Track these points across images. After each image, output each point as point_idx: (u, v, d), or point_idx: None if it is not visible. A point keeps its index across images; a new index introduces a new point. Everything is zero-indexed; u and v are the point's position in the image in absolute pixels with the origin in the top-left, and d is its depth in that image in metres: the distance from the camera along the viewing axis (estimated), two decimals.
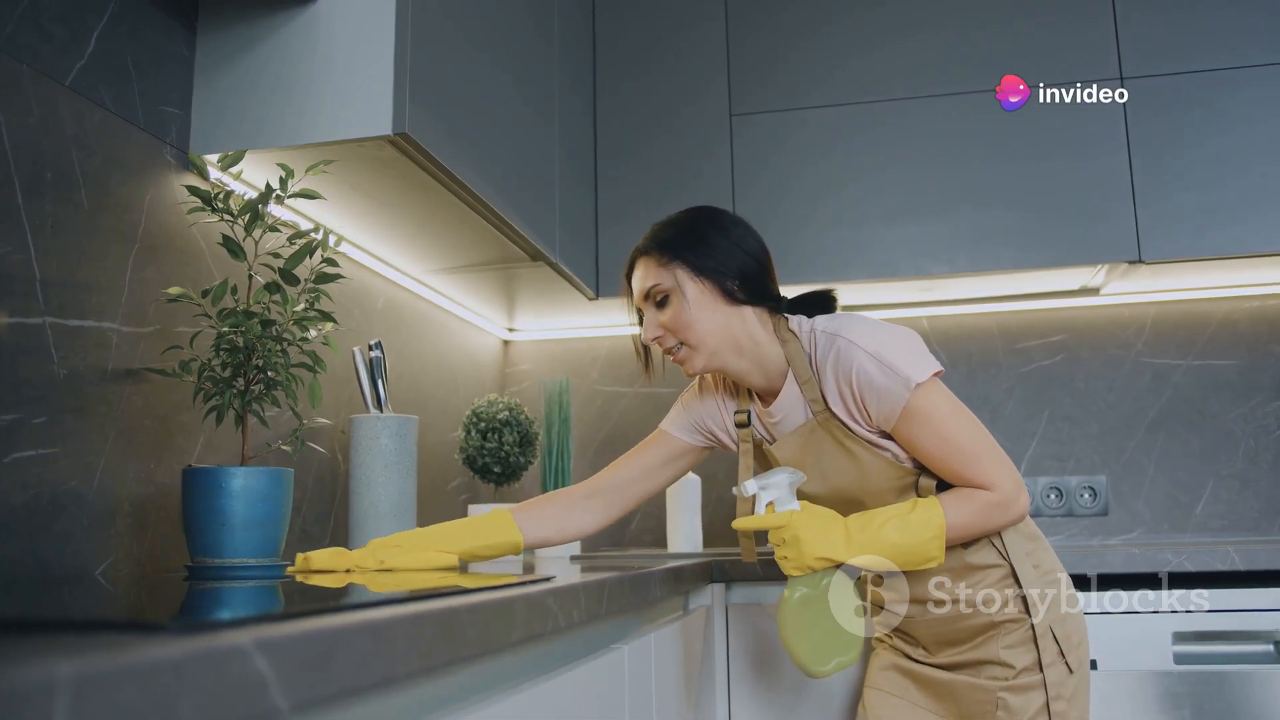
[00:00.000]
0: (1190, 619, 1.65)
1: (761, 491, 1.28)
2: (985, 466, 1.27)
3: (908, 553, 1.24)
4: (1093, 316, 2.43)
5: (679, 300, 1.33)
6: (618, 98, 2.40)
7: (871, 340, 1.27)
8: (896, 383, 1.24)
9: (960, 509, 1.26)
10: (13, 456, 1.06)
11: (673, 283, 1.34)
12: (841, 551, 1.23)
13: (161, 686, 0.37)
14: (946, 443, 1.26)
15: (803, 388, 1.34)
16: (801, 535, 1.23)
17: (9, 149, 1.08)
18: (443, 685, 0.71)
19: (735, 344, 1.35)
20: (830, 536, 1.24)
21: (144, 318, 1.27)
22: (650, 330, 1.37)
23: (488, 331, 2.61)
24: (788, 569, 1.25)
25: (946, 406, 1.27)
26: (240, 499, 1.16)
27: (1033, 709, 1.27)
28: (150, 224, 1.30)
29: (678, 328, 1.34)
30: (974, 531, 1.28)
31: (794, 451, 1.37)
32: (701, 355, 1.34)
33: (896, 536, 1.23)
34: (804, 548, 1.23)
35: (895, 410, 1.25)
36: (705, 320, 1.33)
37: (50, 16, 1.15)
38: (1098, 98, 2.15)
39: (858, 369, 1.26)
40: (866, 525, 1.25)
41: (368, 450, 1.63)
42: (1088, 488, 2.36)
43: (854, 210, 2.24)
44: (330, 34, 1.37)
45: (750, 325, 1.35)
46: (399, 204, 1.62)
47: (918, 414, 1.25)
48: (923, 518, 1.24)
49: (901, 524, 1.24)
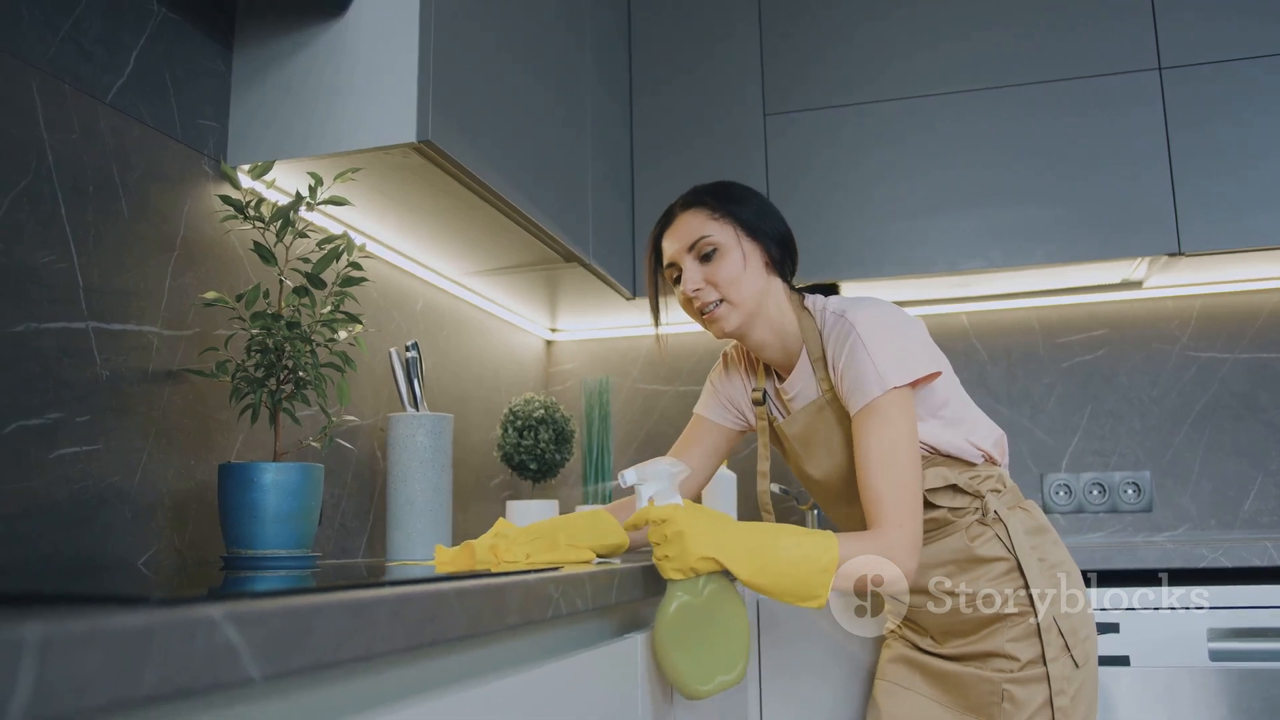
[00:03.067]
0: (1225, 615, 1.63)
1: (640, 485, 1.15)
2: (900, 504, 1.18)
3: (794, 578, 1.09)
4: (1136, 310, 2.39)
5: (729, 254, 1.34)
6: (654, 99, 2.44)
7: (871, 325, 1.27)
8: (872, 377, 1.23)
9: (856, 545, 1.14)
10: (57, 453, 1.12)
11: (725, 237, 1.34)
12: (729, 552, 1.09)
13: (127, 651, 0.41)
14: (883, 458, 1.20)
15: (814, 365, 1.36)
16: (685, 531, 1.09)
17: (52, 164, 1.15)
18: (435, 666, 0.75)
19: (766, 313, 1.36)
20: (718, 536, 1.10)
21: (183, 321, 1.33)
22: (693, 282, 1.34)
23: (530, 332, 2.66)
24: (667, 571, 1.10)
25: (903, 425, 1.23)
26: (272, 493, 1.21)
27: (1036, 702, 1.27)
28: (189, 232, 1.36)
29: (723, 282, 1.33)
30: (863, 576, 1.14)
31: (801, 429, 1.39)
32: (738, 315, 1.34)
33: (790, 552, 1.10)
34: (688, 544, 1.08)
35: (860, 400, 1.25)
36: (751, 280, 1.34)
37: (91, 38, 1.22)
38: (1135, 88, 2.12)
39: (848, 350, 1.27)
40: (761, 531, 1.12)
41: (404, 448, 1.68)
42: (1131, 484, 2.33)
43: (887, 206, 2.25)
44: (357, 45, 1.42)
45: (779, 297, 1.38)
46: (429, 209, 1.67)
47: (876, 414, 1.23)
48: (820, 544, 1.11)
49: (795, 542, 1.11)
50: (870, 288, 2.34)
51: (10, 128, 1.10)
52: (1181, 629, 1.64)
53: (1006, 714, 1.29)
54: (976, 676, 1.32)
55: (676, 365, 2.67)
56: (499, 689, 0.77)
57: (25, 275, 1.11)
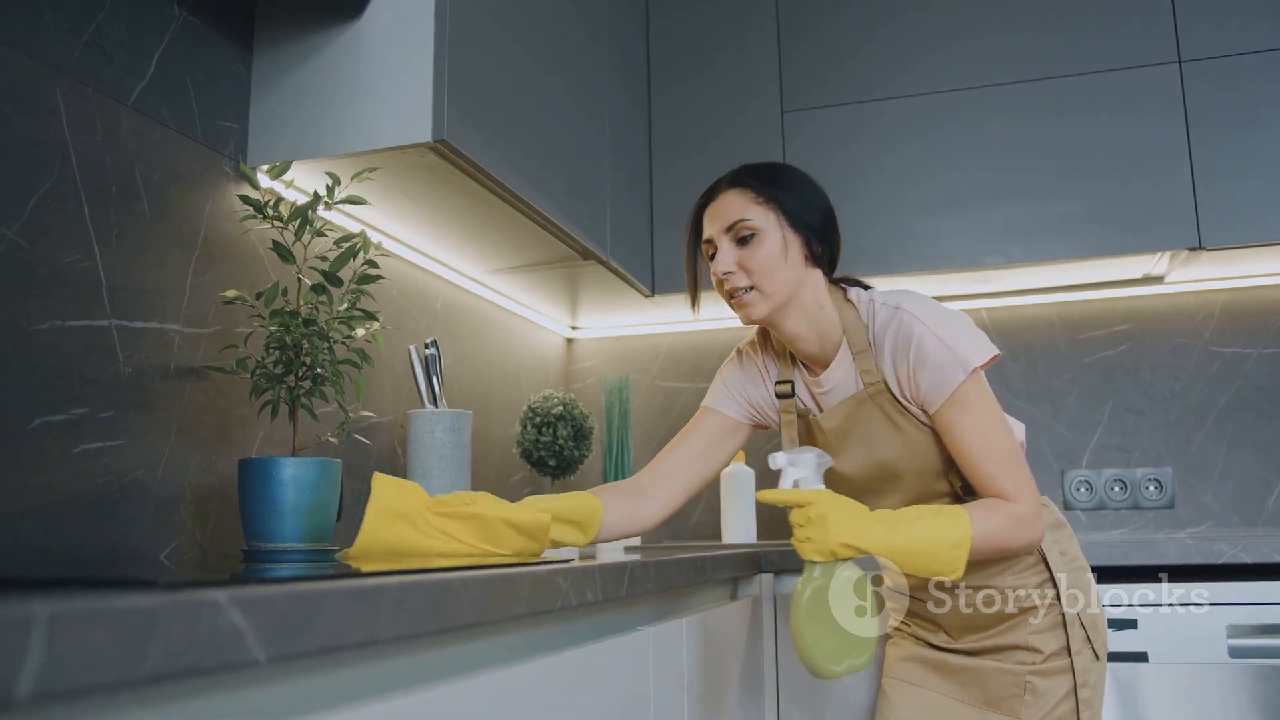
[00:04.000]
0: (1245, 612, 1.62)
1: (789, 467, 1.21)
2: (1016, 476, 1.23)
3: (930, 555, 1.16)
4: (1157, 305, 2.38)
5: (768, 243, 1.31)
6: (672, 96, 2.45)
7: (934, 316, 1.26)
8: (954, 362, 1.22)
9: (987, 519, 1.19)
10: (81, 448, 1.15)
11: (765, 223, 1.31)
12: (869, 538, 1.15)
13: (133, 629, 0.43)
14: (984, 439, 1.24)
15: (856, 358, 1.32)
16: (829, 515, 1.15)
17: (75, 166, 1.18)
18: (443, 655, 0.76)
19: (801, 304, 1.33)
20: (858, 522, 1.16)
21: (204, 319, 1.36)
22: (725, 264, 1.32)
23: (551, 330, 2.67)
24: (808, 552, 1.16)
25: (991, 403, 1.26)
26: (290, 487, 1.24)
27: (1060, 693, 1.27)
28: (210, 231, 1.39)
29: (758, 269, 1.31)
30: (995, 547, 1.21)
31: (840, 422, 1.35)
32: (767, 304, 1.32)
33: (926, 534, 1.16)
34: (830, 529, 1.14)
35: (946, 390, 1.23)
36: (787, 271, 1.31)
37: (113, 42, 1.25)
38: (1155, 81, 2.11)
39: (917, 342, 1.24)
40: (893, 516, 1.19)
41: (423, 443, 1.70)
42: (1153, 480, 2.31)
43: (906, 202, 2.25)
44: (374, 46, 1.44)
45: (818, 290, 1.35)
46: (447, 207, 1.68)
47: (965, 400, 1.23)
48: (949, 522, 1.18)
49: (931, 523, 1.18)
50: (889, 284, 2.33)
51: (35, 130, 1.13)
52: (1201, 626, 1.63)
53: (1029, 705, 1.29)
54: (997, 669, 1.32)
55: (697, 362, 2.68)
56: (505, 678, 0.78)
57: (50, 275, 1.13)
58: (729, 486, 2.27)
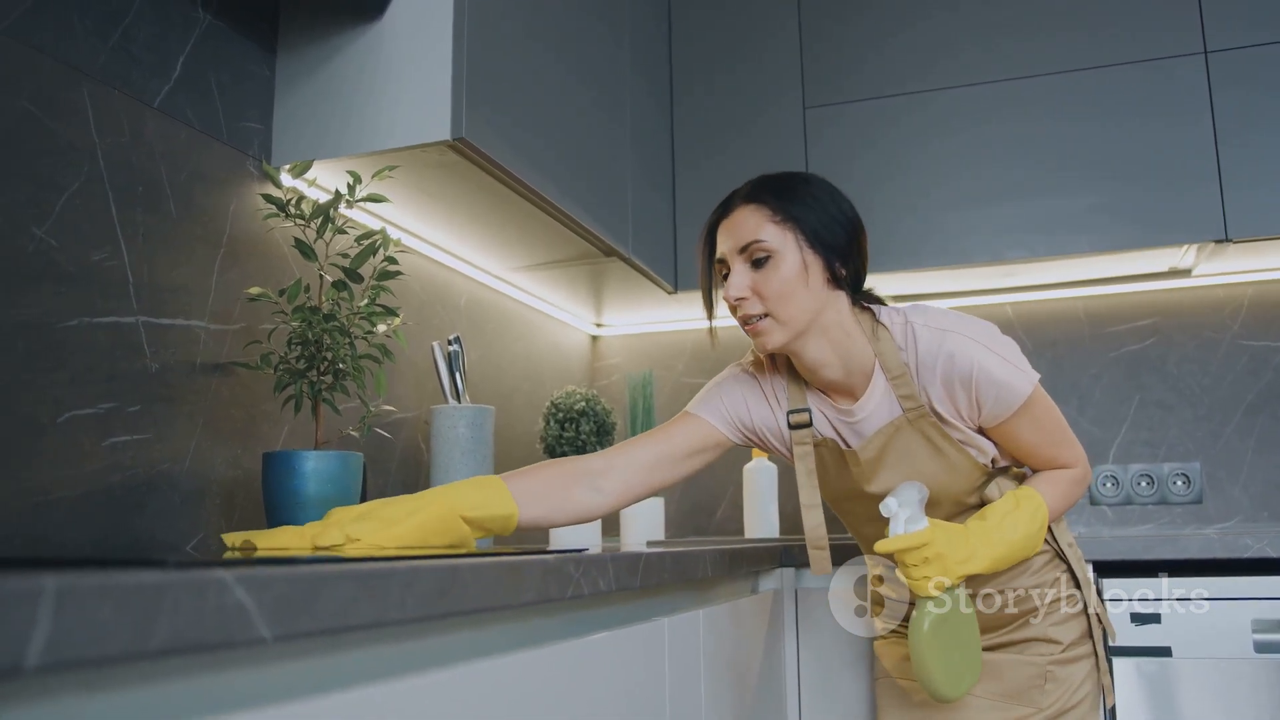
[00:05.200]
0: (1271, 606, 1.60)
1: (900, 509, 1.18)
2: (1072, 444, 1.30)
3: (1022, 549, 1.22)
4: (1184, 298, 2.36)
5: (784, 266, 1.20)
6: (694, 92, 2.46)
7: (988, 336, 1.24)
8: (1020, 379, 1.22)
9: (1054, 493, 1.27)
10: (109, 441, 1.18)
11: (783, 244, 1.21)
12: (978, 563, 1.18)
13: (139, 605, 0.44)
14: (1052, 430, 1.28)
15: (893, 383, 1.24)
16: (945, 553, 1.15)
17: (103, 166, 1.21)
18: (452, 640, 0.78)
19: (825, 330, 1.23)
20: (966, 549, 1.17)
21: (229, 316, 1.39)
22: (738, 288, 1.21)
23: (575, 327, 2.69)
24: (929, 590, 1.16)
25: (1047, 397, 1.28)
26: (312, 480, 1.26)
27: (1079, 678, 1.28)
28: (234, 230, 1.42)
29: (772, 295, 1.20)
30: (1063, 511, 1.30)
31: (877, 451, 1.28)
32: (785, 332, 1.21)
33: (1014, 534, 1.21)
34: (948, 564, 1.15)
35: (1014, 406, 1.22)
36: (805, 297, 1.20)
37: (139, 45, 1.28)
38: (1180, 72, 2.09)
39: (978, 366, 1.20)
40: (988, 529, 1.20)
41: (445, 438, 1.72)
42: (1181, 475, 2.29)
43: (927, 197, 2.24)
44: (394, 46, 1.46)
45: (844, 314, 1.24)
46: (468, 205, 1.71)
47: (1032, 407, 1.24)
48: (1029, 510, 1.23)
49: (1015, 521, 1.21)
50: (912, 279, 2.33)
51: (63, 132, 1.16)
52: (1225, 620, 1.61)
53: (1049, 694, 1.30)
54: (1017, 662, 1.33)
55: (722, 359, 2.68)
56: (517, 663, 0.79)
57: (78, 272, 1.16)
58: (750, 482, 2.28)
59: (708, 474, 2.60)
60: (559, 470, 1.25)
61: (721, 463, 2.54)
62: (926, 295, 2.47)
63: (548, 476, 1.23)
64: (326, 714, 0.56)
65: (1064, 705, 1.30)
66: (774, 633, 1.71)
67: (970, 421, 1.26)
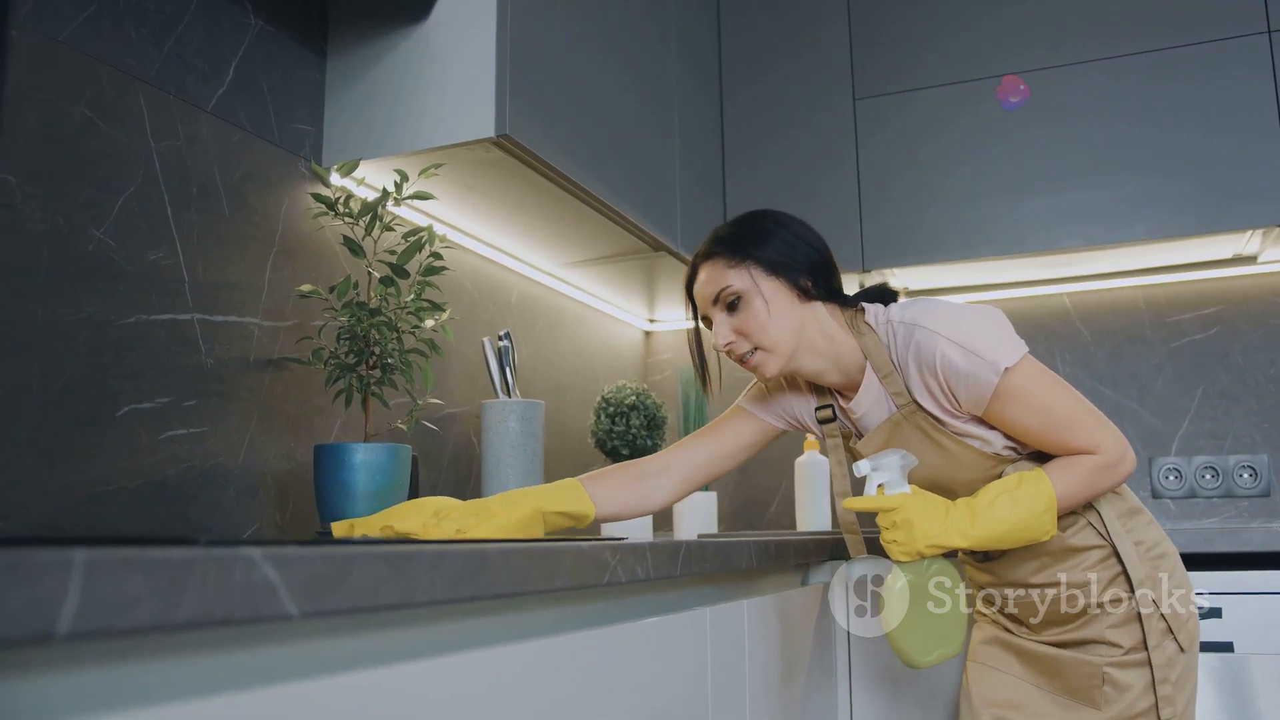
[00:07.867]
0: None
1: (873, 473, 1.22)
2: (1088, 429, 1.23)
3: (1020, 530, 1.20)
4: (1249, 286, 2.29)
5: (753, 301, 1.28)
6: (743, 90, 2.45)
7: (951, 326, 1.23)
8: (984, 368, 1.20)
9: (1067, 477, 1.22)
10: (166, 434, 1.22)
11: (745, 283, 1.28)
12: (953, 537, 1.18)
13: (169, 577, 0.46)
14: (1046, 414, 1.23)
15: (883, 382, 1.30)
16: (914, 519, 1.18)
17: (159, 169, 1.25)
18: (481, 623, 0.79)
19: (811, 344, 1.30)
20: (942, 521, 1.19)
21: (282, 312, 1.43)
22: (723, 335, 1.30)
23: (628, 323, 2.71)
24: (896, 554, 1.20)
25: (1038, 380, 1.24)
26: (361, 472, 1.29)
27: (1138, 687, 1.24)
28: (286, 229, 1.45)
29: (752, 331, 1.28)
30: (1084, 497, 1.24)
31: (879, 447, 1.33)
32: (777, 358, 1.29)
33: (1008, 514, 1.19)
34: (915, 532, 1.17)
35: (985, 395, 1.22)
36: (781, 321, 1.28)
37: (192, 51, 1.32)
38: (1243, 52, 2.03)
39: (941, 357, 1.22)
40: (976, 506, 1.20)
41: (496, 433, 1.75)
42: (1247, 467, 2.23)
43: (979, 186, 2.21)
44: (440, 46, 1.49)
45: (824, 323, 1.31)
46: (514, 201, 1.73)
47: (1009, 394, 1.22)
48: (1031, 492, 1.20)
49: (1011, 501, 1.19)
50: (966, 270, 2.30)
51: (121, 136, 1.21)
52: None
53: (1107, 697, 1.26)
54: (1076, 660, 1.30)
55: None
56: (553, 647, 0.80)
57: (136, 272, 1.21)
58: (802, 476, 2.27)
59: (760, 469, 2.60)
60: (624, 473, 1.40)
61: (774, 457, 2.55)
62: (981, 286, 2.44)
63: (615, 478, 1.38)
64: (352, 692, 0.58)
65: (1125, 713, 1.26)
66: (824, 626, 1.70)
67: (957, 412, 1.26)
